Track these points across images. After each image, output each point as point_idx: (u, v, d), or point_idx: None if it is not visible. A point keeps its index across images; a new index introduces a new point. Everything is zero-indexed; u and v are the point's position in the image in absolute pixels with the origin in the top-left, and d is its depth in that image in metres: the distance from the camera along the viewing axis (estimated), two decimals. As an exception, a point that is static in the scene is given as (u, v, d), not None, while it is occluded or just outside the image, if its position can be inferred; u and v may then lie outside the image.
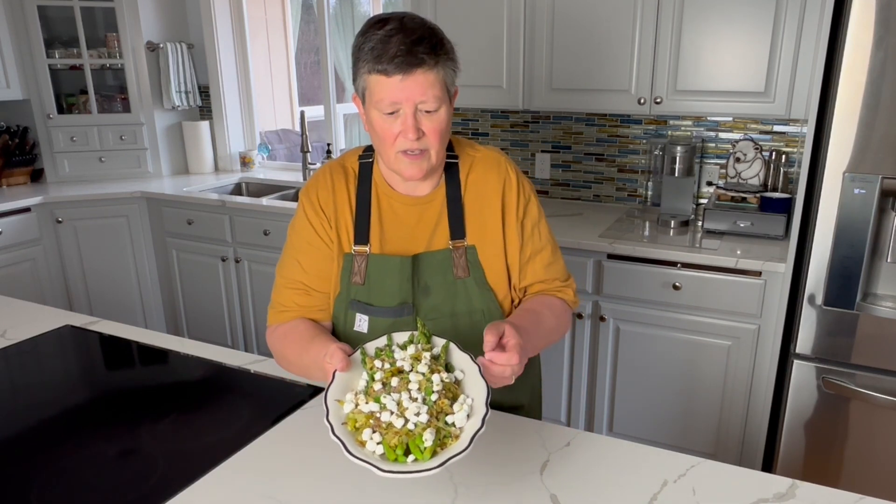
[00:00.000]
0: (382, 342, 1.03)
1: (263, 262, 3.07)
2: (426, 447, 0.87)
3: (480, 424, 0.88)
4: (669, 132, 2.68)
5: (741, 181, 2.52)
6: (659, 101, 2.35)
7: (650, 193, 2.78)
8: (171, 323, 3.53)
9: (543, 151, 2.94)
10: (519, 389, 1.34)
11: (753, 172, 2.51)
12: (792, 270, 2.02)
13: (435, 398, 0.91)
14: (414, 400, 0.91)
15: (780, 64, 2.16)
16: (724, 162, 2.60)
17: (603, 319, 2.37)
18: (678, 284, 2.22)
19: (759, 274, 2.10)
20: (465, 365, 0.99)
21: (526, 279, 1.25)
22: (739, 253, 2.15)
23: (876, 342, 1.86)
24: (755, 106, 2.23)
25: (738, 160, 2.53)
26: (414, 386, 0.93)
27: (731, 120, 2.56)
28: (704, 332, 2.23)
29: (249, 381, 1.36)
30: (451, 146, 1.24)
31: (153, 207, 3.34)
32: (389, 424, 0.89)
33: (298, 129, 4.05)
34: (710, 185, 2.66)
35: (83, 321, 1.64)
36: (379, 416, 0.90)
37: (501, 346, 0.97)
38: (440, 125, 1.09)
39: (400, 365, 0.97)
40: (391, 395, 0.91)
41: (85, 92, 3.52)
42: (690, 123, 2.64)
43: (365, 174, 1.22)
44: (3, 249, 3.05)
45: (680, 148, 2.45)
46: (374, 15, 1.12)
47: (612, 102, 2.44)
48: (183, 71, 3.61)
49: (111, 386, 1.38)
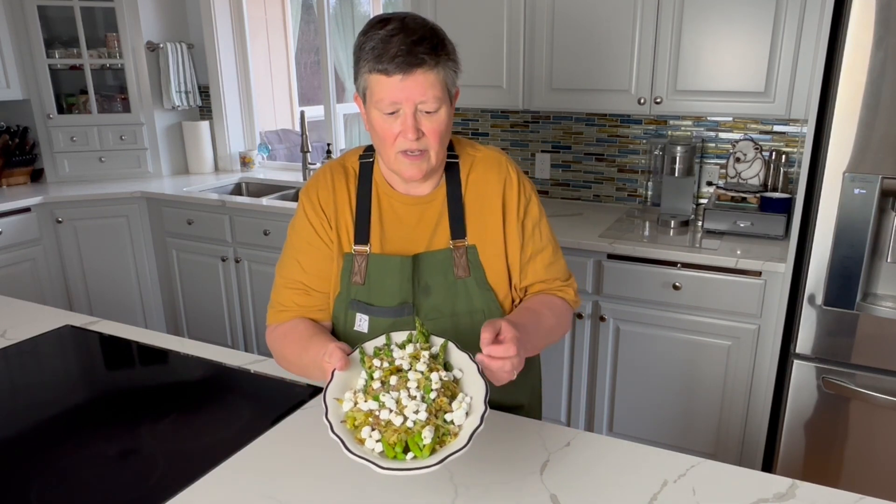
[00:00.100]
0: (381, 341, 1.03)
1: (263, 262, 3.07)
2: (425, 445, 0.87)
3: (479, 422, 0.89)
4: (669, 132, 2.68)
5: (741, 181, 2.52)
6: (659, 101, 2.35)
7: (650, 193, 2.78)
8: (171, 323, 3.53)
9: (543, 151, 2.94)
10: (519, 389, 1.35)
11: (753, 172, 2.51)
12: (792, 270, 2.02)
13: (434, 396, 0.91)
14: (413, 398, 0.91)
15: (780, 64, 2.16)
16: (724, 162, 2.60)
17: (603, 319, 2.37)
18: (678, 284, 2.22)
19: (759, 274, 2.10)
20: (463, 364, 0.99)
21: (527, 279, 1.25)
22: (739, 253, 2.15)
23: (876, 342, 1.86)
24: (755, 106, 2.23)
25: (738, 160, 2.53)
26: (413, 384, 0.93)
27: (731, 120, 2.56)
28: (704, 332, 2.23)
29: (249, 381, 1.36)
30: (451, 146, 1.23)
31: (153, 207, 3.34)
32: (388, 422, 0.89)
33: (298, 129, 4.05)
34: (710, 185, 2.66)
35: (83, 321, 1.64)
36: (378, 414, 0.90)
37: (499, 341, 0.97)
38: (440, 126, 1.09)
39: (399, 364, 0.97)
40: (390, 393, 0.91)
41: (85, 92, 3.52)
42: (690, 123, 2.64)
43: (365, 174, 1.22)
44: (3, 249, 3.06)
45: (680, 148, 2.45)
46: (375, 15, 1.12)
47: (612, 102, 2.44)
48: (183, 71, 3.61)
49: (111, 386, 1.38)
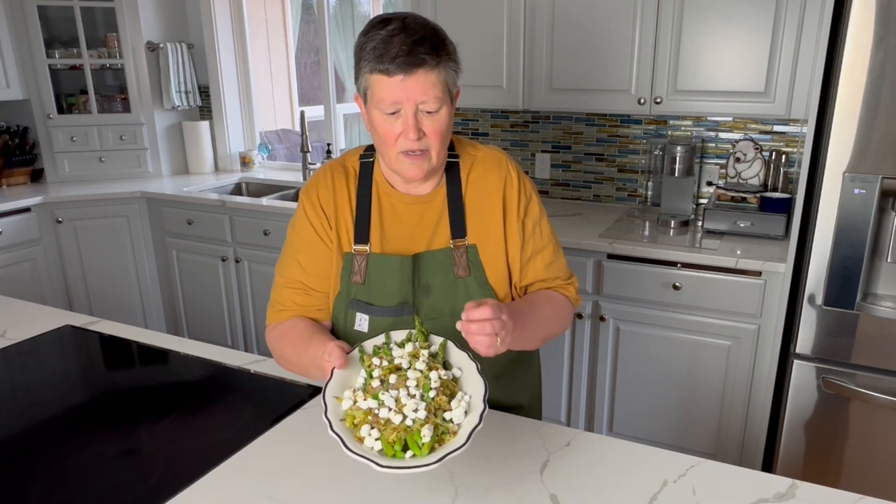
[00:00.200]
0: (380, 340, 1.03)
1: (263, 262, 3.07)
2: (424, 443, 0.87)
3: (478, 421, 0.89)
4: (669, 132, 2.68)
5: (741, 181, 2.52)
6: (659, 101, 2.35)
7: (650, 193, 2.78)
8: (171, 323, 3.53)
9: (543, 151, 2.94)
10: (519, 389, 1.35)
11: (753, 172, 2.51)
12: (792, 270, 2.02)
13: (433, 395, 0.91)
14: (412, 396, 0.91)
15: (780, 64, 2.16)
16: (724, 162, 2.60)
17: (603, 319, 2.37)
18: (678, 284, 2.22)
19: (759, 274, 2.10)
20: (462, 363, 0.99)
21: (527, 278, 1.25)
22: (739, 253, 2.15)
23: (876, 342, 1.86)
24: (755, 106, 2.23)
25: (738, 160, 2.53)
26: (412, 383, 0.93)
27: (731, 120, 2.56)
28: (704, 332, 2.23)
29: (249, 381, 1.36)
30: (451, 145, 1.23)
31: (153, 207, 3.34)
32: (388, 421, 0.89)
33: (298, 129, 4.05)
34: (710, 185, 2.66)
35: (83, 321, 1.64)
36: (377, 412, 0.90)
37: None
38: (441, 126, 1.09)
39: (398, 362, 0.97)
40: (389, 391, 0.92)
41: (85, 92, 3.52)
42: (690, 123, 2.64)
43: (366, 173, 1.22)
44: (3, 249, 3.05)
45: (680, 148, 2.45)
46: (376, 15, 1.12)
47: (612, 102, 2.44)
48: (183, 71, 3.61)
49: (111, 386, 1.38)
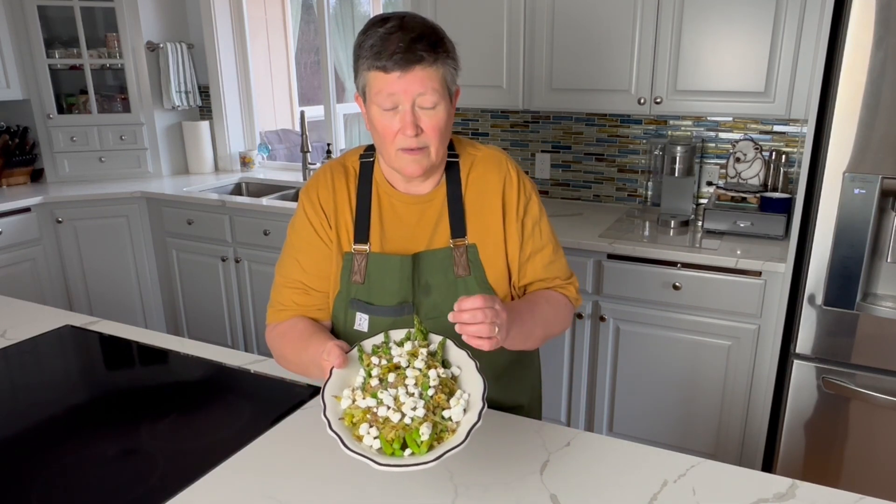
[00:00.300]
0: (380, 339, 1.04)
1: (263, 262, 3.07)
2: (423, 441, 0.87)
3: (477, 419, 0.89)
4: (669, 132, 2.68)
5: (741, 181, 2.52)
6: (659, 101, 2.35)
7: (650, 193, 2.78)
8: (171, 323, 3.53)
9: (543, 151, 2.94)
10: (519, 389, 1.35)
11: (753, 172, 2.51)
12: (792, 270, 2.02)
13: (431, 393, 0.91)
14: (411, 395, 0.91)
15: (780, 64, 2.16)
16: (724, 162, 2.60)
17: (603, 319, 2.37)
18: (678, 284, 2.22)
19: (759, 274, 2.10)
20: (461, 361, 0.99)
21: (525, 278, 1.25)
22: (739, 253, 2.15)
23: (876, 342, 1.86)
24: (755, 106, 2.23)
25: (738, 160, 2.53)
26: (411, 381, 0.93)
27: (731, 120, 2.56)
28: (704, 332, 2.23)
29: (249, 381, 1.36)
30: (451, 145, 1.24)
31: (153, 207, 3.34)
32: (386, 419, 0.89)
33: (298, 129, 4.05)
34: (710, 185, 2.66)
35: (83, 321, 1.64)
36: (376, 411, 0.90)
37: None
38: (439, 122, 1.09)
39: (397, 361, 0.97)
40: (388, 390, 0.92)
41: (85, 92, 3.52)
42: (690, 123, 2.64)
43: (366, 173, 1.22)
44: (3, 249, 3.05)
45: (680, 148, 2.45)
46: (376, 14, 1.12)
47: (612, 102, 2.44)
48: (183, 71, 3.61)
49: (111, 386, 1.37)
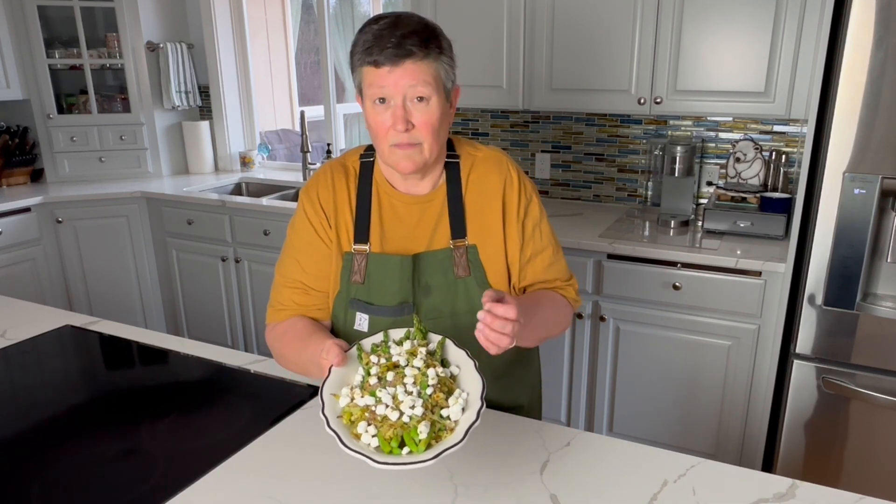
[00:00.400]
0: (379, 338, 1.04)
1: (263, 262, 3.07)
2: (421, 439, 0.87)
3: (475, 417, 0.89)
4: (669, 132, 2.68)
5: (741, 181, 2.52)
6: (659, 101, 2.35)
7: (650, 193, 2.78)
8: (171, 323, 3.53)
9: (543, 151, 2.94)
10: (519, 389, 1.35)
11: (753, 172, 2.51)
12: (792, 270, 2.02)
13: (430, 392, 0.92)
14: (409, 393, 0.91)
15: (780, 64, 2.16)
16: (724, 162, 2.60)
17: (603, 319, 2.37)
18: (678, 284, 2.22)
19: (759, 274, 2.10)
20: (460, 360, 0.99)
21: (526, 279, 1.25)
22: (739, 253, 2.15)
23: (876, 342, 1.86)
24: (755, 106, 2.23)
25: (738, 160, 2.53)
26: (409, 380, 0.93)
27: (731, 120, 2.56)
28: (704, 332, 2.23)
29: (249, 381, 1.36)
30: (452, 145, 1.24)
31: (153, 207, 3.34)
32: (385, 417, 0.89)
33: (298, 129, 4.04)
34: (710, 185, 2.66)
35: (83, 321, 1.64)
36: (374, 409, 0.90)
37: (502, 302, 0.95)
38: (431, 117, 1.08)
39: (396, 360, 0.97)
40: (386, 388, 0.92)
41: (85, 92, 3.51)
42: (690, 123, 2.64)
43: (366, 173, 1.22)
44: (3, 249, 3.05)
45: (680, 148, 2.45)
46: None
47: (612, 102, 2.44)
48: (183, 71, 3.60)
49: (111, 386, 1.37)
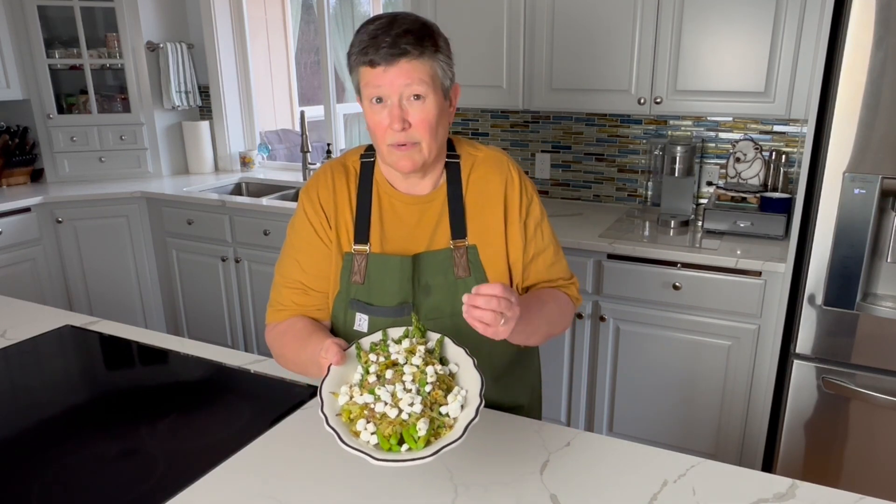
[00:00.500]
0: (378, 337, 1.04)
1: (263, 262, 3.07)
2: (420, 436, 0.87)
3: (474, 414, 0.89)
4: (669, 132, 2.68)
5: (741, 181, 2.52)
6: (659, 101, 2.35)
7: (650, 193, 2.78)
8: (171, 323, 3.53)
9: (543, 151, 2.94)
10: (519, 389, 1.35)
11: (753, 172, 2.51)
12: (792, 270, 2.02)
13: (429, 389, 0.92)
14: (408, 391, 0.91)
15: (780, 64, 2.16)
16: (724, 162, 2.60)
17: (603, 319, 2.37)
18: (678, 284, 2.22)
19: (759, 274, 2.10)
20: (459, 358, 0.99)
21: (529, 279, 1.25)
22: (739, 253, 2.15)
23: (876, 342, 1.86)
24: (755, 106, 2.23)
25: (738, 160, 2.53)
26: (408, 378, 0.93)
27: (731, 120, 2.56)
28: (704, 332, 2.23)
29: (249, 381, 1.36)
30: (452, 146, 1.24)
31: (153, 207, 3.34)
32: (383, 415, 0.90)
33: (298, 129, 4.04)
34: (710, 185, 2.66)
35: (83, 321, 1.64)
36: (373, 407, 0.91)
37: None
38: (428, 115, 1.08)
39: (394, 358, 0.97)
40: (385, 386, 0.92)
41: (85, 92, 3.51)
42: (690, 123, 2.64)
43: (366, 173, 1.22)
44: (3, 249, 3.05)
45: (680, 148, 2.45)
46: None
47: (612, 102, 2.44)
48: (183, 71, 3.60)
49: (111, 386, 1.37)
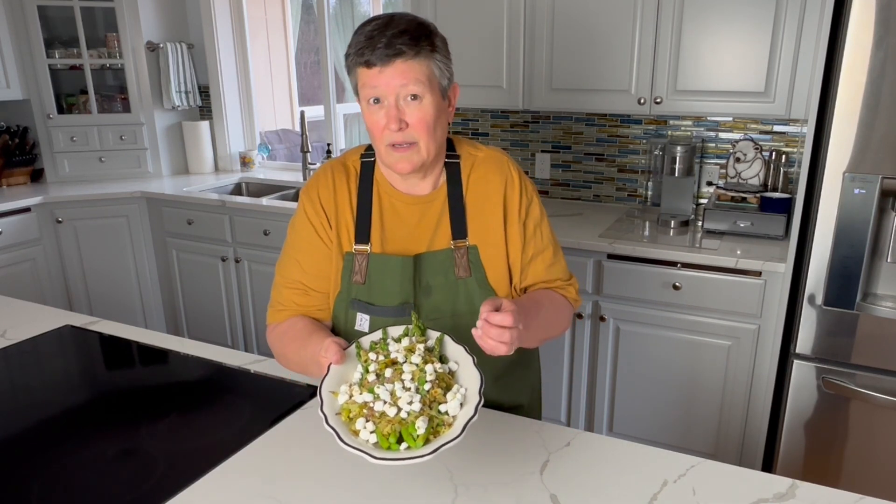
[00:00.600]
0: (377, 336, 1.04)
1: (263, 262, 3.07)
2: (419, 435, 0.87)
3: (473, 412, 0.89)
4: (669, 132, 2.68)
5: (741, 181, 2.52)
6: (659, 101, 2.35)
7: (650, 193, 2.78)
8: (171, 323, 3.53)
9: (543, 151, 2.94)
10: (519, 389, 1.35)
11: (753, 172, 2.51)
12: (792, 270, 2.02)
13: (428, 388, 0.92)
14: (407, 389, 0.91)
15: (780, 64, 2.16)
16: (724, 162, 2.60)
17: (603, 319, 2.37)
18: (678, 284, 2.21)
19: (759, 274, 2.10)
20: (459, 356, 0.99)
21: (527, 280, 1.25)
22: (739, 253, 2.15)
23: (876, 342, 1.86)
24: (755, 106, 2.23)
25: (738, 160, 2.53)
26: (407, 376, 0.93)
27: (731, 120, 2.56)
28: (704, 332, 2.23)
29: (249, 381, 1.36)
30: (452, 146, 1.24)
31: (153, 207, 3.34)
32: (383, 414, 0.90)
33: (298, 129, 4.04)
34: (710, 185, 2.66)
35: (83, 321, 1.64)
36: (372, 405, 0.91)
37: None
38: (426, 115, 1.08)
39: (394, 356, 0.97)
40: (385, 385, 0.92)
41: (85, 92, 3.51)
42: (690, 123, 2.64)
43: (367, 173, 1.22)
44: (3, 249, 3.05)
45: (680, 148, 2.45)
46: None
47: (612, 102, 2.44)
48: (183, 71, 3.60)
49: (111, 386, 1.38)
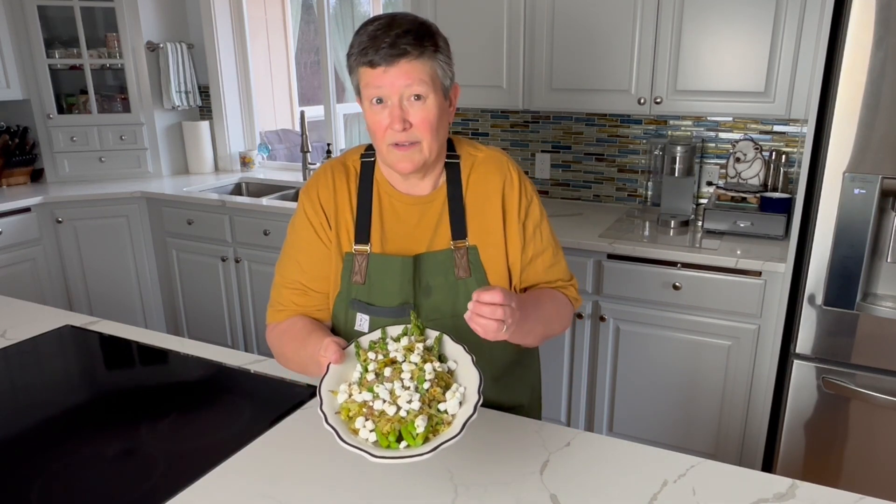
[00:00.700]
0: (377, 335, 1.04)
1: (263, 262, 3.07)
2: (418, 433, 0.88)
3: (472, 411, 0.89)
4: (669, 132, 2.68)
5: (741, 181, 2.52)
6: (659, 101, 2.35)
7: (650, 193, 2.78)
8: (171, 323, 3.53)
9: (543, 151, 2.94)
10: (519, 389, 1.35)
11: (753, 172, 2.51)
12: (792, 270, 2.02)
13: (427, 386, 0.92)
14: (406, 388, 0.92)
15: (780, 64, 2.16)
16: (724, 162, 2.60)
17: (603, 319, 2.37)
18: (678, 284, 2.22)
19: (759, 274, 2.10)
20: (458, 355, 1.00)
21: (527, 280, 1.25)
22: (739, 253, 2.15)
23: (876, 342, 1.86)
24: (755, 106, 2.23)
25: (738, 160, 2.53)
26: (406, 375, 0.94)
27: (731, 120, 2.56)
28: (704, 332, 2.23)
29: (249, 381, 1.36)
30: (452, 146, 1.24)
31: (153, 207, 3.34)
32: (382, 412, 0.90)
33: (298, 129, 4.04)
34: (710, 185, 2.66)
35: (83, 321, 1.64)
36: (372, 404, 0.91)
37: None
38: (429, 115, 1.08)
39: (393, 356, 0.97)
40: (384, 384, 0.92)
41: (85, 92, 3.51)
42: (690, 123, 2.64)
43: (367, 173, 1.22)
44: (3, 249, 3.05)
45: (680, 148, 2.45)
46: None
47: (612, 102, 2.44)
48: (183, 71, 3.60)
49: (111, 386, 1.38)
